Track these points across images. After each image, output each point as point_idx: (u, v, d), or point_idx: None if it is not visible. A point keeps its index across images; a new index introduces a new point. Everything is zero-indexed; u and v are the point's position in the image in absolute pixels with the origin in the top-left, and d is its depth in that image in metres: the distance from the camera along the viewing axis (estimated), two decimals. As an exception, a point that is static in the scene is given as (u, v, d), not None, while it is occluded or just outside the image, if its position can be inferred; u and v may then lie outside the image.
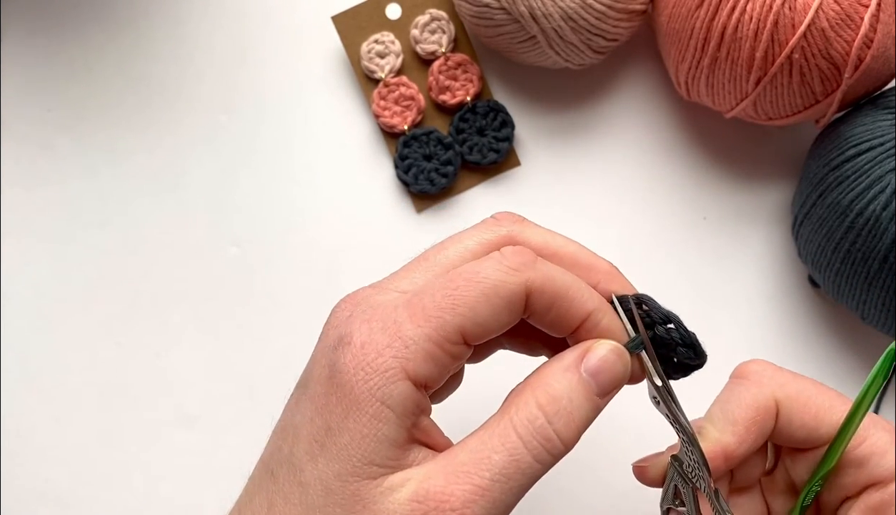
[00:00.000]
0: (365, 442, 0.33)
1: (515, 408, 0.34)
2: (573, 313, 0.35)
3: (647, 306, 0.37)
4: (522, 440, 0.33)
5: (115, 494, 0.54)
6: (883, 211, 0.46)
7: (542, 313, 0.35)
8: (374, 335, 0.34)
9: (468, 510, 0.32)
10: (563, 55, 0.52)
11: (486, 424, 0.34)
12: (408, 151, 0.55)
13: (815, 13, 0.46)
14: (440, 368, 0.34)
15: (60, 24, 0.57)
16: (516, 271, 0.34)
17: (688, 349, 0.37)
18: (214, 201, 0.56)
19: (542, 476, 0.34)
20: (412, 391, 0.33)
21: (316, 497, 0.33)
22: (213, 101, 0.56)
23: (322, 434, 0.34)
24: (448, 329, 0.33)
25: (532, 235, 0.38)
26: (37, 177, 0.56)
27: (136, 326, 0.55)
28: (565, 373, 0.34)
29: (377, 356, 0.33)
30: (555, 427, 0.34)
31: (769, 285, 0.54)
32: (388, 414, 0.33)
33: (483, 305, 0.34)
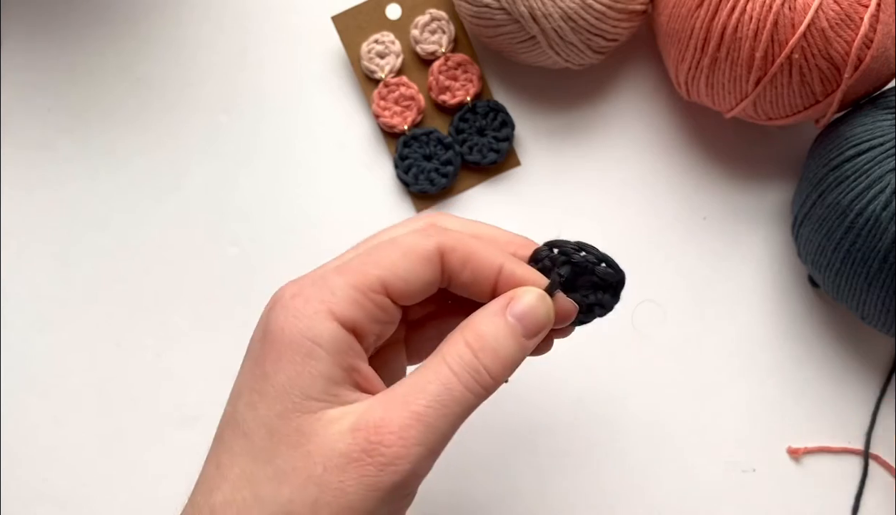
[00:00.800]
0: (301, 379, 0.35)
1: (447, 347, 0.37)
2: (486, 267, 0.38)
3: (558, 247, 0.40)
4: (454, 372, 0.36)
5: (115, 494, 0.54)
6: (883, 211, 0.46)
7: (457, 273, 0.38)
8: (303, 288, 0.37)
9: (405, 433, 0.35)
10: (563, 55, 0.52)
11: (422, 364, 0.37)
12: (408, 151, 0.55)
13: (815, 13, 0.46)
14: (366, 313, 0.36)
15: (60, 25, 0.57)
16: (430, 235, 0.38)
17: (605, 266, 0.40)
18: (214, 201, 0.56)
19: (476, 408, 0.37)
20: (341, 331, 0.36)
21: (260, 441, 0.35)
22: (214, 101, 0.56)
23: (260, 382, 0.36)
24: (370, 279, 0.37)
25: (453, 221, 0.41)
26: (37, 178, 0.56)
27: (136, 326, 0.55)
28: (493, 317, 0.37)
29: (305, 302, 0.36)
30: (483, 362, 0.36)
31: (769, 285, 0.54)
32: (319, 352, 0.35)
33: (401, 260, 0.37)
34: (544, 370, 0.54)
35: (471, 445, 0.53)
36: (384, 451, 0.34)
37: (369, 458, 0.34)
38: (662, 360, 0.54)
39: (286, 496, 0.35)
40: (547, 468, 0.53)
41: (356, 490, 0.34)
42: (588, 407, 0.54)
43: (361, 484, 0.34)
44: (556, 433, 0.54)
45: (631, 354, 0.54)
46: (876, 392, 0.53)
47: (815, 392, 0.54)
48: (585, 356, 0.54)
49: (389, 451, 0.34)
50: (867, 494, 0.53)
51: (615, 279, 0.40)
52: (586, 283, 0.40)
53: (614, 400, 0.54)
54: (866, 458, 0.52)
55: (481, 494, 0.53)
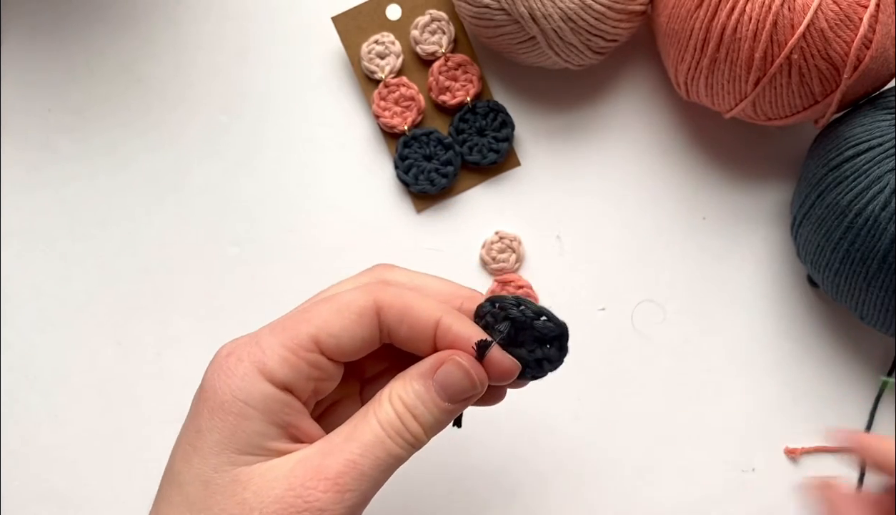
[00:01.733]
0: (234, 438, 0.37)
1: (378, 404, 0.38)
2: (423, 322, 0.38)
3: (498, 304, 0.40)
4: (385, 431, 0.37)
5: (115, 494, 0.54)
6: (882, 211, 0.46)
7: (395, 328, 0.38)
8: (237, 347, 0.38)
9: (340, 479, 0.36)
10: (563, 56, 0.52)
11: (357, 415, 0.38)
12: (408, 152, 0.55)
13: (814, 14, 0.46)
14: (297, 372, 0.37)
15: (61, 25, 0.57)
16: (367, 290, 0.39)
17: (544, 320, 0.39)
18: (215, 201, 0.56)
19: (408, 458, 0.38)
20: (273, 390, 0.37)
21: (196, 492, 0.37)
22: (214, 101, 0.56)
23: (193, 437, 0.37)
24: (301, 337, 0.37)
25: (400, 275, 0.41)
26: (37, 177, 0.56)
27: (136, 326, 0.55)
28: (416, 381, 0.38)
29: (237, 361, 0.37)
30: (405, 424, 0.37)
31: (768, 285, 0.54)
32: (251, 412, 0.37)
33: (335, 317, 0.38)
34: (544, 370, 0.54)
35: (470, 445, 0.53)
36: (319, 496, 0.36)
37: (304, 503, 0.35)
38: (662, 360, 0.54)
39: None
40: (547, 467, 0.53)
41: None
42: (588, 407, 0.54)
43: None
44: (556, 432, 0.54)
45: (631, 354, 0.54)
46: (875, 393, 0.53)
47: (813, 392, 0.54)
48: (585, 355, 0.54)
49: (325, 497, 0.36)
50: (866, 493, 0.53)
51: (555, 333, 0.40)
52: (530, 338, 0.39)
53: (614, 400, 0.54)
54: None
55: (481, 494, 0.53)
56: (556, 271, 0.55)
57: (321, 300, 0.39)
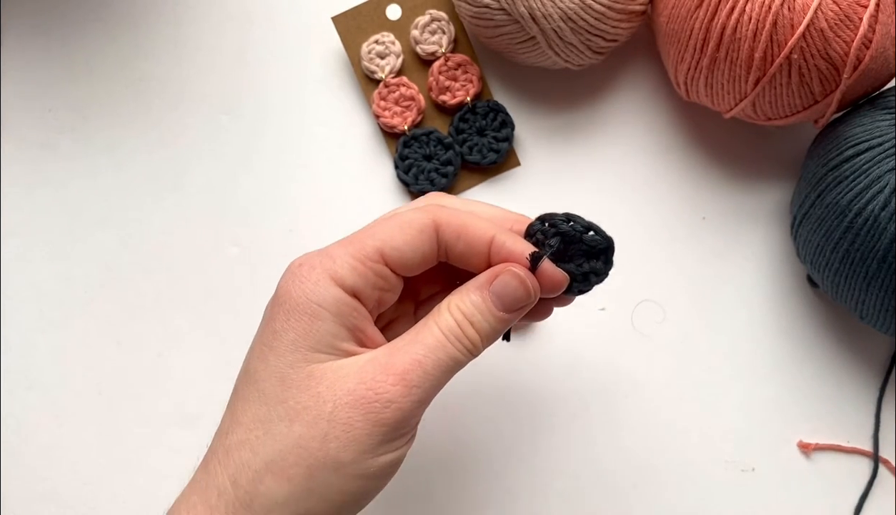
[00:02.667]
0: (309, 336, 0.39)
1: (439, 313, 0.40)
2: (478, 238, 0.41)
3: (548, 221, 0.42)
4: (445, 336, 0.40)
5: (115, 494, 0.54)
6: (881, 211, 0.46)
7: (452, 244, 0.41)
8: (309, 258, 0.41)
9: (407, 375, 0.39)
10: (563, 56, 0.52)
11: (418, 325, 0.41)
12: (408, 152, 0.55)
13: (814, 14, 0.46)
14: (365, 280, 0.40)
15: (61, 24, 0.57)
16: (426, 210, 0.41)
17: (592, 233, 0.41)
18: (215, 200, 0.56)
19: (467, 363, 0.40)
20: (343, 294, 0.39)
21: (272, 387, 0.39)
22: (214, 101, 0.56)
23: (269, 338, 0.40)
24: (368, 249, 0.40)
25: (453, 200, 0.44)
26: (37, 177, 0.56)
27: (137, 326, 0.55)
28: (473, 293, 0.41)
29: (310, 269, 0.40)
30: (465, 331, 0.40)
31: (768, 285, 0.55)
32: (323, 313, 0.39)
33: (398, 232, 0.41)
34: (545, 369, 0.54)
35: (471, 444, 0.53)
36: (389, 389, 0.38)
37: (375, 395, 0.38)
38: (662, 359, 0.54)
39: (297, 431, 0.38)
40: (547, 467, 0.54)
41: (363, 425, 0.38)
42: (588, 406, 0.54)
43: (367, 419, 0.38)
44: (557, 432, 0.54)
45: (631, 353, 0.54)
46: (874, 392, 0.53)
47: (813, 392, 0.54)
48: (586, 355, 0.54)
49: (393, 389, 0.38)
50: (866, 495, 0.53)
51: (603, 246, 0.42)
52: (578, 252, 0.42)
53: (614, 399, 0.54)
54: (876, 460, 0.53)
55: (481, 494, 0.53)
56: (556, 271, 0.55)
57: (385, 218, 0.42)
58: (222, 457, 0.39)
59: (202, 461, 0.41)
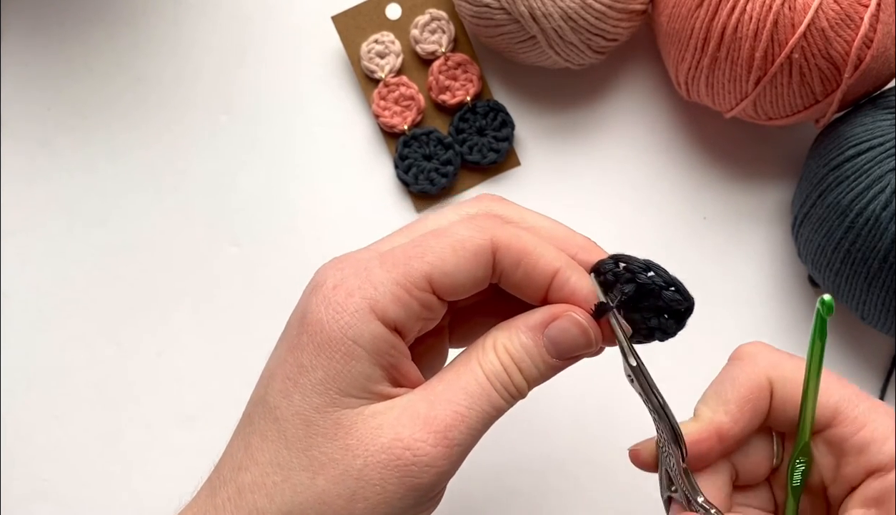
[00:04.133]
0: (340, 378, 0.35)
1: (483, 353, 0.36)
2: (540, 269, 0.36)
3: (624, 263, 0.37)
4: (490, 382, 0.36)
5: (115, 494, 0.54)
6: (883, 211, 0.46)
7: (510, 272, 0.36)
8: (345, 279, 0.36)
9: (450, 433, 0.35)
10: (563, 55, 0.52)
11: (457, 360, 0.37)
12: (408, 151, 0.55)
13: (815, 13, 0.46)
14: (409, 312, 0.35)
15: (60, 23, 0.57)
16: (483, 228, 0.36)
17: (673, 291, 0.38)
18: (214, 200, 0.56)
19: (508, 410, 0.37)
20: (383, 330, 0.35)
21: (295, 430, 0.35)
22: (213, 100, 0.56)
23: (295, 372, 0.35)
24: (415, 275, 0.35)
25: (511, 210, 0.39)
26: (36, 175, 0.56)
27: (136, 326, 0.55)
28: (526, 333, 0.36)
29: (347, 296, 0.35)
30: (513, 380, 0.36)
31: (769, 285, 0.54)
32: (359, 352, 0.35)
33: (450, 255, 0.35)
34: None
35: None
36: (429, 450, 0.34)
37: (413, 457, 0.34)
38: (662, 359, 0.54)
39: (320, 486, 0.34)
40: (546, 468, 0.53)
41: (396, 487, 0.34)
42: (588, 407, 0.54)
43: (402, 483, 0.34)
44: (556, 432, 0.54)
45: (631, 354, 0.54)
46: (875, 392, 0.53)
47: (814, 392, 0.54)
48: (585, 355, 0.54)
49: (434, 451, 0.34)
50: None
51: (683, 307, 0.38)
52: (649, 305, 0.38)
53: (614, 400, 0.54)
54: None
55: (480, 494, 0.53)
56: (557, 271, 0.55)
57: (434, 234, 0.36)
58: (233, 495, 0.36)
59: (208, 482, 0.38)
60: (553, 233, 0.38)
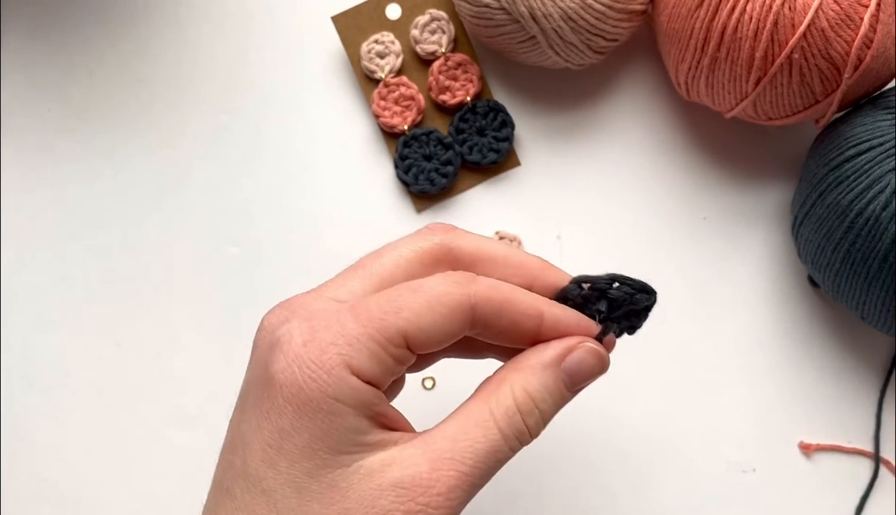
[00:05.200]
0: (327, 437, 0.33)
1: (496, 400, 0.35)
2: (525, 316, 0.36)
3: (588, 283, 0.39)
4: (502, 432, 0.35)
5: (115, 494, 0.54)
6: (883, 211, 0.46)
7: (493, 322, 0.36)
8: (316, 333, 0.34)
9: (453, 493, 0.34)
10: (563, 55, 0.52)
11: (463, 410, 0.36)
12: (408, 151, 0.55)
13: (815, 13, 0.46)
14: (384, 368, 0.34)
15: (60, 25, 0.57)
16: (459, 283, 0.35)
17: (642, 293, 0.39)
18: (215, 201, 0.56)
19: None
20: (362, 385, 0.34)
21: (286, 500, 0.33)
22: (214, 101, 0.56)
23: (276, 439, 0.34)
24: (391, 332, 0.34)
25: (465, 242, 0.38)
26: (37, 178, 0.56)
27: (136, 326, 0.55)
28: (545, 371, 0.36)
29: (321, 353, 0.34)
30: (528, 424, 0.35)
31: (769, 285, 0.54)
32: (343, 409, 0.33)
33: (427, 312, 0.35)
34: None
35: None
36: (432, 513, 0.34)
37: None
38: (662, 360, 0.54)
39: None
40: (546, 468, 0.53)
41: None
42: (588, 407, 0.54)
43: None
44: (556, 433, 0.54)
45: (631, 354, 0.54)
46: (875, 392, 0.53)
47: (814, 392, 0.53)
48: (585, 355, 0.54)
49: (437, 512, 0.34)
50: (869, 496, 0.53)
51: (650, 303, 0.40)
52: (622, 311, 0.39)
53: (614, 400, 0.54)
54: (877, 461, 0.52)
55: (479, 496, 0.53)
56: (557, 271, 0.55)
57: (409, 289, 0.35)
58: None
59: None
60: (510, 260, 0.38)
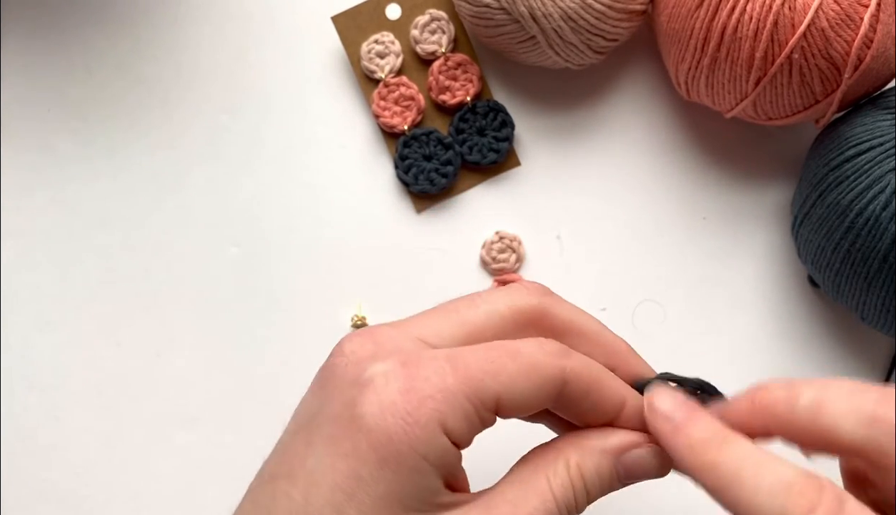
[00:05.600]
0: (404, 493, 0.33)
1: (553, 471, 0.35)
2: (609, 402, 0.36)
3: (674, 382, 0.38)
4: (556, 503, 0.35)
5: (115, 494, 0.54)
6: (883, 211, 0.46)
7: (577, 401, 0.36)
8: (414, 382, 0.33)
9: None
10: (563, 55, 0.52)
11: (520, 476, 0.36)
12: (408, 151, 0.55)
13: (815, 13, 0.46)
14: (472, 430, 0.34)
15: (60, 25, 0.57)
16: (555, 355, 0.35)
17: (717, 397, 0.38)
18: (215, 200, 0.56)
19: None
20: (450, 446, 0.33)
21: None
22: (214, 101, 0.56)
23: (351, 484, 0.32)
24: (487, 394, 0.34)
25: (561, 309, 0.38)
26: (37, 177, 0.56)
27: (136, 326, 0.55)
28: (602, 456, 0.36)
29: (418, 405, 0.33)
30: (577, 501, 0.35)
31: (769, 285, 0.54)
32: (427, 468, 0.33)
33: (523, 380, 0.34)
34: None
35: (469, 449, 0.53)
36: None
37: None
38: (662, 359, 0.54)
39: None
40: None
41: None
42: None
43: None
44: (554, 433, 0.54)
45: (631, 354, 0.54)
46: (876, 392, 0.53)
47: (814, 392, 0.53)
48: (585, 355, 0.54)
49: None
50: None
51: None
52: None
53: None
54: None
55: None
56: (557, 271, 0.55)
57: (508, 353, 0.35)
58: None
59: None
60: (601, 338, 0.38)
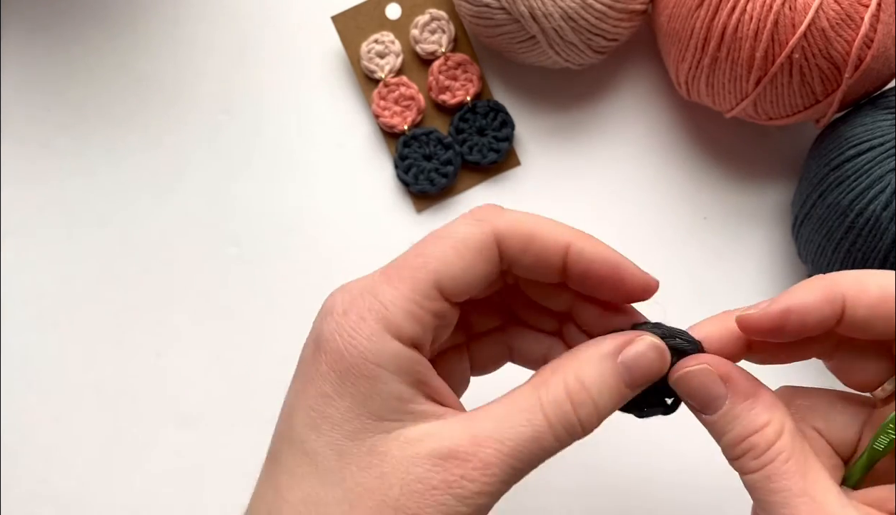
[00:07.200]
0: (370, 401, 0.33)
1: (546, 388, 0.34)
2: (550, 247, 0.35)
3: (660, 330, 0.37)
4: (548, 421, 0.34)
5: (115, 494, 0.54)
6: (883, 211, 0.46)
7: (518, 258, 0.35)
8: (353, 303, 0.34)
9: (489, 471, 0.33)
10: (563, 55, 0.52)
11: (512, 395, 0.35)
12: (408, 151, 0.55)
13: (816, 13, 0.46)
14: (423, 325, 0.34)
15: (60, 24, 0.57)
16: (481, 221, 0.35)
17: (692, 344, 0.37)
18: (214, 200, 0.56)
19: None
20: (402, 348, 0.34)
21: (327, 462, 0.33)
22: (213, 100, 0.56)
23: (319, 403, 0.34)
24: (423, 286, 0.34)
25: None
26: (36, 176, 0.56)
27: (136, 326, 0.55)
28: (601, 361, 0.35)
29: (359, 319, 0.34)
30: (579, 415, 0.34)
31: (769, 286, 0.54)
32: (383, 374, 0.33)
33: (453, 257, 0.34)
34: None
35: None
36: (466, 485, 0.33)
37: (449, 489, 0.33)
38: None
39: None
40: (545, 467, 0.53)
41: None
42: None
43: (439, 512, 0.33)
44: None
45: (631, 354, 0.54)
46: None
47: (815, 392, 0.53)
48: (585, 356, 0.54)
49: (472, 486, 0.33)
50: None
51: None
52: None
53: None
54: None
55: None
56: (557, 271, 0.55)
57: (433, 237, 0.35)
58: None
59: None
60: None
